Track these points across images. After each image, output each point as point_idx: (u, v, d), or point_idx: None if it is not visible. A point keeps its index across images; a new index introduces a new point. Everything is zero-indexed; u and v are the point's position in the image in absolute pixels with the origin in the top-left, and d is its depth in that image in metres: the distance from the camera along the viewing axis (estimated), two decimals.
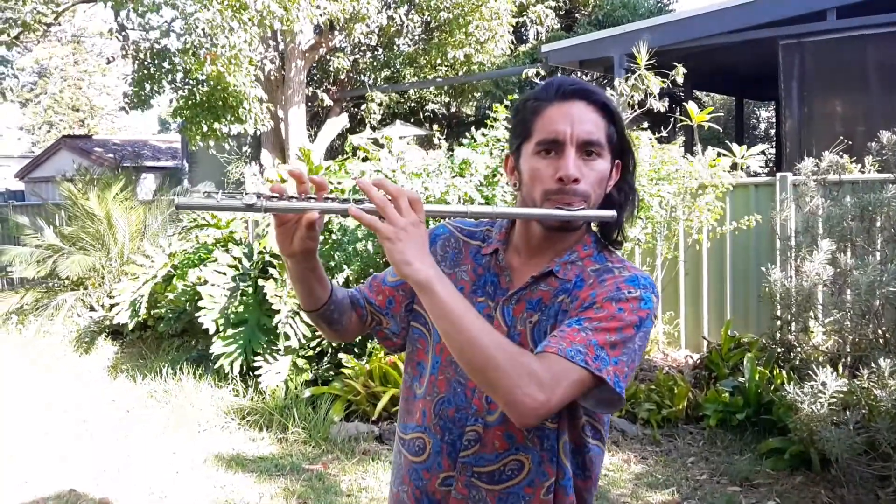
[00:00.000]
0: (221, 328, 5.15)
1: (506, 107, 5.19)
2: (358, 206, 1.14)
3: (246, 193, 1.13)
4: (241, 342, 5.10)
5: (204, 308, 5.18)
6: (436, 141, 7.47)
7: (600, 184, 1.26)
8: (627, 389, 4.60)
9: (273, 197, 1.15)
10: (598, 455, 1.33)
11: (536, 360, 1.12)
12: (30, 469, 4.29)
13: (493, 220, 1.40)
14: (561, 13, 14.60)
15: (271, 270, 5.26)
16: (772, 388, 4.29)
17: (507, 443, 1.28)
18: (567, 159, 1.22)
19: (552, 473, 1.28)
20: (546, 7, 13.17)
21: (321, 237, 5.02)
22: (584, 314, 1.18)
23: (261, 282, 5.15)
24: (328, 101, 12.97)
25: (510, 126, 1.35)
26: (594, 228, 1.34)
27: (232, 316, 5.16)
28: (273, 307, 4.96)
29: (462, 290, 1.29)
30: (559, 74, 13.59)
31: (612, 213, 1.26)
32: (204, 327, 5.20)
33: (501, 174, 4.75)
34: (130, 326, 6.23)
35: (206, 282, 5.31)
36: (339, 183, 5.14)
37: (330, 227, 5.20)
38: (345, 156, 5.87)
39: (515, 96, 7.38)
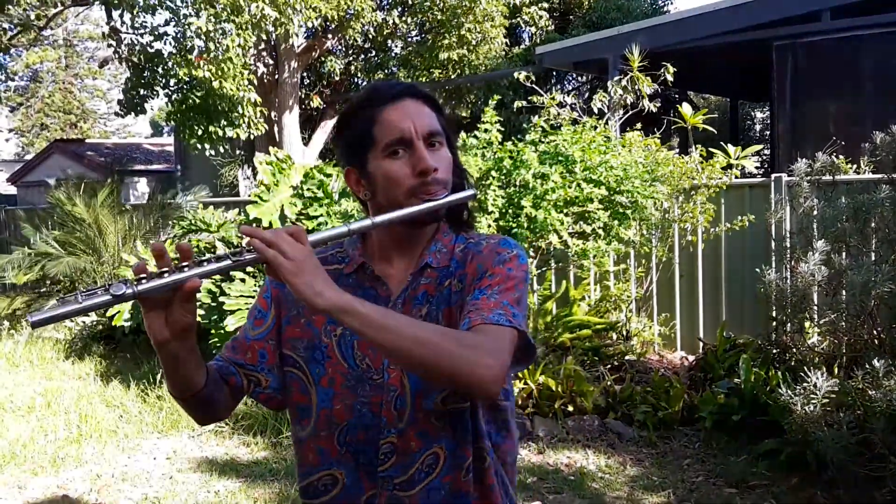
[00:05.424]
0: (213, 324, 5.13)
1: (494, 108, 5.10)
2: (237, 260, 1.08)
3: (109, 285, 1.01)
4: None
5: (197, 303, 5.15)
6: None
7: (450, 169, 1.30)
8: (623, 391, 4.64)
9: (141, 279, 1.05)
10: (511, 405, 1.36)
11: (472, 334, 1.15)
12: (22, 474, 4.25)
13: (340, 242, 1.35)
14: (555, 15, 14.61)
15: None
16: (767, 389, 4.28)
17: (421, 441, 1.26)
18: (421, 152, 1.25)
19: (469, 453, 1.27)
20: (540, 8, 13.16)
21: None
22: (482, 284, 1.23)
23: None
24: (322, 104, 12.96)
25: (344, 143, 1.33)
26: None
27: (227, 313, 5.13)
28: None
29: None
30: (553, 76, 13.61)
31: (472, 191, 1.32)
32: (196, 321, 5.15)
33: (493, 176, 4.72)
34: (129, 328, 6.18)
35: None
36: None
37: None
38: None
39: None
